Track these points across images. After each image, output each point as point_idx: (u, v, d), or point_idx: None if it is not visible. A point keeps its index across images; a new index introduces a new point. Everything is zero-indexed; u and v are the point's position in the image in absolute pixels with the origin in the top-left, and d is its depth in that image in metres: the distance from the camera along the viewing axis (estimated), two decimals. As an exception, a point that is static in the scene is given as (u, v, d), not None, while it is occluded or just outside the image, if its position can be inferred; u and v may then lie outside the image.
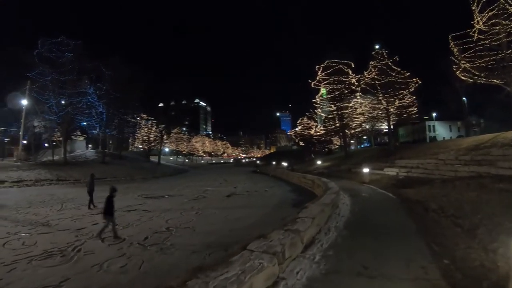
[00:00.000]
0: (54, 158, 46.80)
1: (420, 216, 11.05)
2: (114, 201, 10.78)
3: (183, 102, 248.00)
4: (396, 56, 39.40)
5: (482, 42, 25.63)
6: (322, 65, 50.02)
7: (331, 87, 48.89)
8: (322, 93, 52.65)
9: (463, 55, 27.29)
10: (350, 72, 48.87)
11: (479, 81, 27.06)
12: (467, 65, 26.87)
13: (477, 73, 26.56)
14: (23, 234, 11.44)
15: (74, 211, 16.66)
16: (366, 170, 25.47)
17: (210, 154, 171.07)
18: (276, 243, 6.15)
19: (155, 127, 74.05)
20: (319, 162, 51.48)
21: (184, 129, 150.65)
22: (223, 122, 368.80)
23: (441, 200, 12.44)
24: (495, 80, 25.71)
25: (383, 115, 41.53)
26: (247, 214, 15.15)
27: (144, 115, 71.25)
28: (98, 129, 53.68)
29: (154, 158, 76.00)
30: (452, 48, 28.07)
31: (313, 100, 52.19)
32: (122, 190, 24.95)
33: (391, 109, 39.16)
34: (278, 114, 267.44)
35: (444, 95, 48.77)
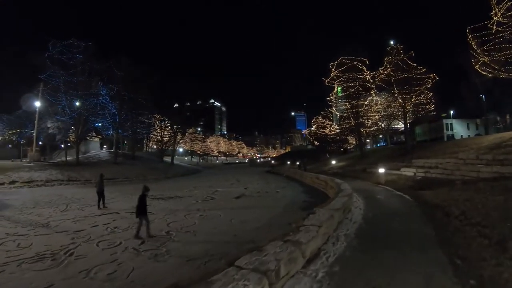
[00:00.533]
0: (68, 158, 46.97)
1: (441, 223, 9.97)
2: (146, 200, 11.18)
3: (198, 103, 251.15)
4: (412, 51, 38.11)
5: (501, 34, 24.79)
6: (336, 62, 49.05)
7: (345, 85, 47.87)
8: (337, 91, 51.54)
9: (481, 48, 26.39)
10: (365, 69, 47.94)
11: (499, 75, 26.35)
12: (486, 59, 26.00)
13: (497, 67, 25.78)
14: (21, 235, 11.24)
15: (77, 212, 16.38)
16: (381, 170, 24.36)
17: (225, 154, 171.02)
18: (271, 258, 5.29)
19: (168, 127, 73.62)
20: (333, 162, 50.34)
21: (199, 129, 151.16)
22: (238, 122, 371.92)
23: (463, 205, 11.31)
24: None
25: (399, 112, 40.20)
26: (254, 217, 14.33)
27: (159, 116, 71.25)
28: (111, 130, 53.61)
29: (168, 159, 75.99)
30: (470, 41, 27.19)
31: (328, 99, 51.14)
32: (131, 190, 25.17)
33: (408, 107, 37.83)
34: (292, 113, 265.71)
35: (463, 92, 46.92)
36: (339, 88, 50.91)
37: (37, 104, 41.88)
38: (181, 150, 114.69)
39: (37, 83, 41.43)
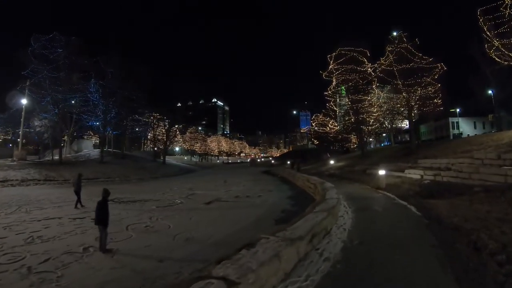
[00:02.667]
0: (57, 157, 44.54)
1: (470, 267, 6.08)
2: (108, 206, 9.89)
3: (200, 102, 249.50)
4: (417, 39, 34.19)
5: None
6: (334, 53, 45.32)
7: (343, 77, 44.00)
8: (337, 85, 47.78)
9: (495, 32, 23.83)
10: (366, 61, 44.08)
11: None
12: (499, 44, 23.54)
13: (511, 55, 23.21)
14: None
15: (21, 215, 15.14)
16: (382, 172, 20.43)
17: (227, 154, 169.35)
18: None
19: (161, 126, 71.54)
20: (332, 162, 46.88)
21: (200, 128, 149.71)
22: (242, 122, 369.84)
23: (499, 230, 7.60)
24: None
25: (402, 108, 36.42)
26: (207, 233, 11.69)
27: (156, 114, 69.40)
28: (100, 128, 51.25)
29: (167, 158, 74.35)
30: (481, 25, 24.52)
31: (325, 93, 47.36)
32: (98, 193, 21.98)
33: (412, 101, 33.95)
34: (294, 112, 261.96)
35: (472, 85, 42.89)
36: (342, 86, 47.21)
37: (23, 101, 40.77)
38: (177, 149, 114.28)
39: (22, 80, 40.17)
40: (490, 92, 46.19)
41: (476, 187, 13.96)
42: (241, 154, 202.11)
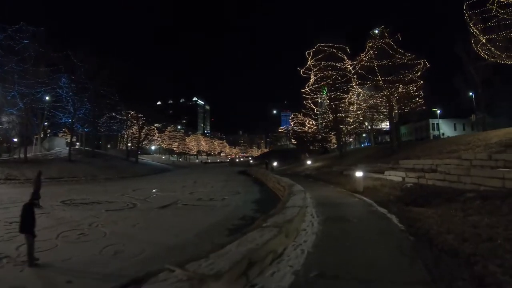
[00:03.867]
0: (28, 155, 42.54)
1: None
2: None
3: (181, 101, 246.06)
4: (399, 34, 32.26)
5: (502, 16, 20.98)
6: (313, 49, 43.34)
7: (322, 74, 42.03)
8: (322, 88, 45.76)
9: (481, 27, 22.49)
10: (346, 58, 42.34)
11: (502, 61, 22.51)
12: (484, 40, 22.30)
13: (498, 52, 21.99)
14: None
15: None
16: (359, 174, 18.03)
17: (207, 154, 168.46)
18: None
19: (138, 124, 68.38)
20: (309, 162, 45.33)
21: (179, 127, 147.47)
22: (223, 122, 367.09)
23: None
24: None
25: (383, 103, 34.61)
26: (142, 246, 9.85)
27: (133, 112, 66.20)
28: (70, 125, 49.09)
29: (143, 157, 76.00)
30: (467, 20, 23.21)
31: (302, 90, 45.22)
32: (63, 193, 22.66)
33: (393, 99, 32.03)
34: (275, 112, 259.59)
35: (455, 85, 41.70)
36: (324, 87, 45.17)
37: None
38: (153, 148, 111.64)
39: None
40: (471, 93, 45.53)
41: (468, 192, 11.80)
42: (221, 154, 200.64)
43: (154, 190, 26.04)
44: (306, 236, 8.23)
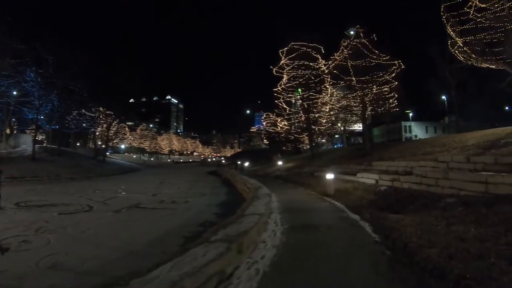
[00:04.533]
0: None
1: None
2: None
3: (154, 99, 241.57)
4: (374, 34, 31.48)
5: (479, 20, 20.78)
6: (286, 48, 42.21)
7: (295, 73, 41.02)
8: (297, 90, 44.68)
9: (458, 29, 21.94)
10: (320, 57, 41.32)
11: (479, 65, 22.17)
12: (460, 42, 21.81)
13: (473, 55, 21.44)
14: None
15: None
16: (330, 176, 16.77)
17: (180, 153, 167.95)
18: None
19: (109, 122, 66.14)
20: (280, 163, 44.51)
21: (151, 125, 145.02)
22: (197, 121, 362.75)
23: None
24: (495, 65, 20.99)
25: (356, 109, 33.87)
26: (85, 256, 8.59)
27: (104, 109, 63.89)
28: (33, 121, 47.86)
29: (114, 156, 76.38)
30: (444, 22, 22.61)
31: (274, 89, 44.01)
32: (21, 193, 21.37)
33: (367, 99, 31.22)
34: (248, 111, 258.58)
35: (430, 88, 41.79)
36: (299, 89, 44.06)
37: None
38: (122, 146, 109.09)
39: None
40: (443, 97, 45.75)
41: (447, 197, 10.72)
42: (194, 153, 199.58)
43: (116, 191, 24.69)
44: (265, 250, 6.84)
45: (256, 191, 13.86)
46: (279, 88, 43.63)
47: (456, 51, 22.78)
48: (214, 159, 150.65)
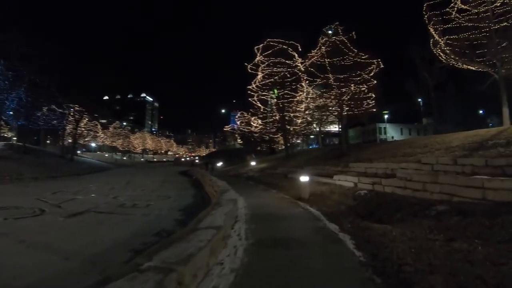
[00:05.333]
0: None
1: None
2: None
3: (129, 96, 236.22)
4: (353, 33, 30.35)
5: (461, 20, 20.95)
6: (262, 44, 40.73)
7: (270, 70, 39.57)
8: (273, 90, 43.18)
9: (441, 27, 21.87)
10: (296, 56, 39.99)
11: (460, 66, 22.01)
12: (442, 42, 21.69)
13: (453, 56, 21.54)
14: None
15: None
16: (304, 179, 15.09)
17: (154, 152, 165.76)
18: None
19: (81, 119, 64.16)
20: (253, 164, 42.90)
21: (124, 123, 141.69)
22: (172, 120, 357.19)
23: None
24: (478, 66, 21.20)
25: (332, 108, 32.75)
26: (9, 274, 6.96)
27: (76, 106, 60.92)
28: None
29: (85, 155, 75.50)
30: (427, 22, 22.54)
31: (248, 87, 42.41)
32: None
33: (345, 98, 30.05)
34: (223, 111, 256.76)
35: (409, 88, 41.35)
36: (275, 89, 42.57)
37: None
38: (93, 145, 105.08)
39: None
40: (419, 99, 45.58)
41: (438, 204, 9.36)
42: (169, 153, 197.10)
43: (77, 193, 22.79)
44: (219, 278, 5.17)
45: (220, 196, 12.19)
46: (254, 85, 42.01)
47: (439, 50, 22.42)
48: (188, 158, 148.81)
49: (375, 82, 28.95)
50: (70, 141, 70.82)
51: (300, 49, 40.21)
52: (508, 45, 19.59)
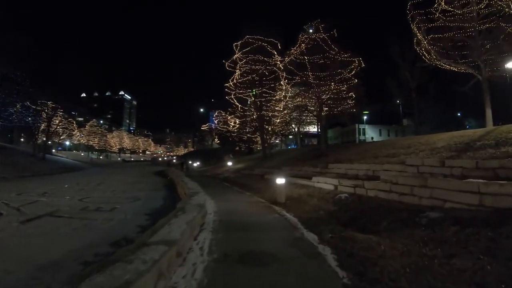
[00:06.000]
0: None
1: None
2: None
3: (107, 94, 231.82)
4: (335, 30, 29.35)
5: (444, 21, 20.72)
6: (241, 41, 39.50)
7: (248, 67, 38.38)
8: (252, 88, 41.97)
9: (425, 25, 21.45)
10: (276, 53, 38.89)
11: (443, 66, 21.62)
12: (425, 41, 21.22)
13: (439, 57, 21.27)
14: None
15: None
16: (280, 181, 13.88)
17: (131, 152, 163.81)
18: None
19: (53, 116, 61.95)
20: (230, 164, 42.37)
21: (101, 121, 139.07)
22: (150, 119, 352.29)
23: None
24: (460, 67, 20.86)
25: (312, 108, 31.82)
26: None
27: (50, 103, 59.48)
28: None
29: (61, 154, 75.64)
30: (410, 21, 22.05)
31: (226, 85, 41.08)
32: None
33: (324, 97, 29.07)
34: (202, 110, 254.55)
35: (390, 89, 40.95)
36: (254, 90, 41.28)
37: None
38: (67, 143, 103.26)
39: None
40: (398, 101, 45.38)
41: (428, 210, 8.34)
42: (147, 152, 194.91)
43: (42, 194, 21.23)
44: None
45: (187, 200, 10.88)
46: (231, 83, 40.57)
47: (422, 49, 21.95)
48: (165, 158, 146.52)
49: (356, 81, 28.03)
50: (44, 139, 68.74)
51: (279, 47, 39.13)
52: (492, 46, 19.24)
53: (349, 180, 13.73)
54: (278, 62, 38.10)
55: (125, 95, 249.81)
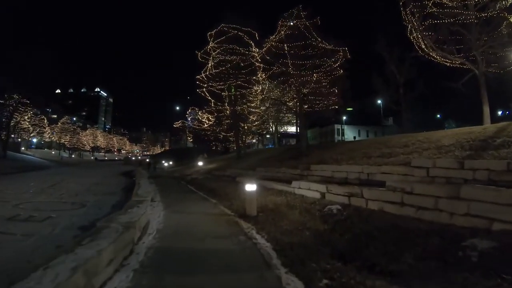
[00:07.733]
0: None
1: None
2: None
3: (82, 90, 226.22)
4: (318, 17, 26.42)
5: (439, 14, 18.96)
6: (215, 30, 36.42)
7: (222, 57, 35.40)
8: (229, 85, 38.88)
9: (417, 11, 19.33)
10: (253, 44, 35.94)
11: (434, 59, 19.99)
12: (417, 34, 19.82)
13: (433, 46, 19.79)
14: None
15: None
16: (251, 188, 10.23)
17: (106, 150, 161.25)
18: None
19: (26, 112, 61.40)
20: (200, 164, 39.74)
21: (74, 118, 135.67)
22: (127, 117, 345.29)
23: None
24: (455, 60, 19.26)
25: (290, 104, 29.32)
26: None
27: (18, 96, 58.60)
28: None
29: (30, 152, 75.45)
30: (401, 7, 20.22)
31: (197, 77, 37.83)
32: None
33: (304, 89, 26.36)
34: (178, 108, 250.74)
35: (376, 84, 39.37)
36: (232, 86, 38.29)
37: None
38: (34, 141, 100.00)
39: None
40: (379, 101, 46.56)
41: (471, 235, 5.44)
42: (122, 151, 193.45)
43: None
44: None
45: (115, 217, 7.72)
46: (203, 75, 37.19)
47: (418, 37, 19.90)
48: (140, 157, 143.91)
49: (342, 71, 25.42)
50: (12, 136, 65.66)
51: (257, 38, 36.24)
52: (491, 37, 17.61)
53: (341, 187, 10.71)
54: (256, 54, 35.21)
55: (101, 92, 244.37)
